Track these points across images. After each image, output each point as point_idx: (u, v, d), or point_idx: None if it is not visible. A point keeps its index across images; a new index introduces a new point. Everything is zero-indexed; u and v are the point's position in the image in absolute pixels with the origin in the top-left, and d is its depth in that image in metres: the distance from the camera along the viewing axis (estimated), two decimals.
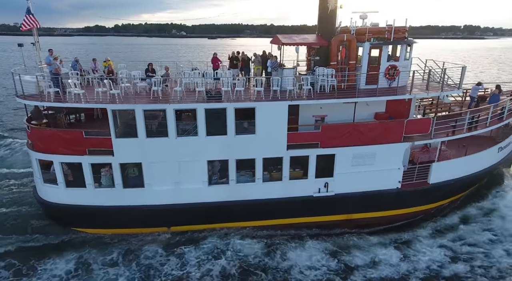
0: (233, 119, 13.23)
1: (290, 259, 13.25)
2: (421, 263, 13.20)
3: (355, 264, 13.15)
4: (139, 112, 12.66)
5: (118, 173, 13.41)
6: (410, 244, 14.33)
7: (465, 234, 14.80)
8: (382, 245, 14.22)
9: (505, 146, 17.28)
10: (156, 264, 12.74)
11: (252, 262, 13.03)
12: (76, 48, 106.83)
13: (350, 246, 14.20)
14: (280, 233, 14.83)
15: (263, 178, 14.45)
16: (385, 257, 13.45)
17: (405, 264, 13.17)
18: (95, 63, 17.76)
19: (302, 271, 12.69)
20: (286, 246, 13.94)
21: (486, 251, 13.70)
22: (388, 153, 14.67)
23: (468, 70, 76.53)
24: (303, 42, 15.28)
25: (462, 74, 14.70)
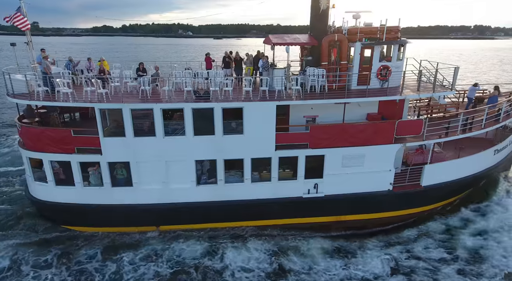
0: (220, 119, 13.21)
1: (228, 260, 13.03)
2: (360, 273, 12.70)
3: (293, 268, 12.80)
4: (126, 111, 12.73)
5: (107, 172, 13.49)
6: (360, 251, 13.83)
7: (427, 246, 14.18)
8: (338, 251, 13.82)
9: (501, 148, 16.92)
10: (91, 268, 12.55)
11: (189, 264, 12.83)
12: (81, 48, 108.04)
13: (294, 248, 13.80)
14: (222, 233, 14.54)
15: (252, 178, 14.42)
16: (327, 265, 13.04)
17: (344, 272, 12.68)
18: (90, 63, 17.91)
19: (235, 272, 12.52)
20: (226, 246, 13.71)
21: (434, 268, 12.95)
22: (379, 154, 14.49)
23: (470, 70, 75.58)
24: (294, 42, 15.18)
25: (454, 75, 14.45)
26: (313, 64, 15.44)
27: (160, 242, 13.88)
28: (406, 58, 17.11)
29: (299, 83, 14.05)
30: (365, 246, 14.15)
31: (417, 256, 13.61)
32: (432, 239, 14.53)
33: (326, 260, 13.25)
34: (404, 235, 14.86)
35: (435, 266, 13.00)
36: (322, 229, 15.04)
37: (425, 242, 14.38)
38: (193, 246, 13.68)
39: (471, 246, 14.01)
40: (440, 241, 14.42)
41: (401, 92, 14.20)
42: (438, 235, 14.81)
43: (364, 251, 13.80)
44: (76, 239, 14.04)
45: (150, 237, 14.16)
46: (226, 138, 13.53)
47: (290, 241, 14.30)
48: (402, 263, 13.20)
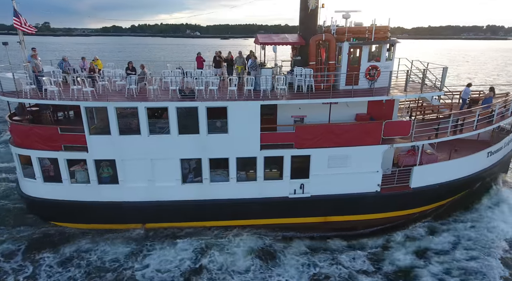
0: (205, 118, 13.26)
1: (149, 261, 12.87)
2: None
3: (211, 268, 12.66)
4: (111, 109, 12.89)
5: (93, 169, 13.68)
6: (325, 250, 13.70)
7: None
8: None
9: (495, 150, 16.57)
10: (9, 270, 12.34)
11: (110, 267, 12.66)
12: (87, 48, 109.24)
13: (220, 247, 13.66)
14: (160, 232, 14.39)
15: (239, 178, 14.44)
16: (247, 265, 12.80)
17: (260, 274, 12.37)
18: (84, 62, 18.17)
19: (153, 270, 12.40)
20: (153, 247, 13.58)
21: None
22: (366, 155, 14.34)
23: (472, 71, 73.87)
24: (281, 42, 15.15)
25: (443, 75, 14.22)
26: (302, 64, 15.39)
27: (89, 242, 13.72)
28: (399, 59, 17.00)
29: (284, 82, 14.01)
30: (323, 247, 13.95)
31: (342, 264, 13.11)
32: (390, 249, 13.96)
33: (248, 261, 12.95)
34: (365, 241, 14.43)
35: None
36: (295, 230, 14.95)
37: (372, 251, 13.81)
38: (117, 248, 13.51)
39: (407, 263, 13.07)
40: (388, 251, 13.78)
41: (388, 92, 14.03)
42: (394, 244, 14.22)
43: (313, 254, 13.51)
44: (49, 236, 14.13)
45: (75, 236, 14.04)
46: (210, 137, 13.58)
47: (224, 239, 14.07)
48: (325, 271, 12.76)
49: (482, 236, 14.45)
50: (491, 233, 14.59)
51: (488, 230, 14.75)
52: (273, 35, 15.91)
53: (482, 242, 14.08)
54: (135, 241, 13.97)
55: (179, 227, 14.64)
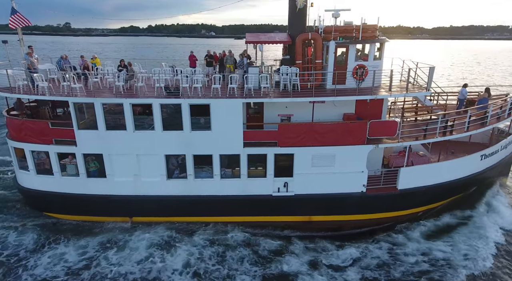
0: (188, 115, 13.53)
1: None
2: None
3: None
4: (98, 105, 13.35)
5: (82, 163, 14.20)
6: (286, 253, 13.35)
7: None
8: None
9: (491, 153, 16.04)
10: None
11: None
12: (100, 47, 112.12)
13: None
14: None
15: (224, 175, 14.64)
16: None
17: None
18: (83, 60, 18.84)
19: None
20: (57, 244, 13.58)
21: None
22: (350, 155, 14.23)
23: (477, 72, 70.61)
24: (267, 41, 15.23)
25: (430, 75, 13.91)
26: (290, 63, 15.43)
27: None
28: (392, 58, 16.77)
29: (268, 81, 14.08)
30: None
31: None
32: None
33: (141, 254, 13.03)
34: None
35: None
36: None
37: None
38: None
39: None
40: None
41: (372, 92, 13.87)
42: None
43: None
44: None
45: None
46: (194, 134, 13.83)
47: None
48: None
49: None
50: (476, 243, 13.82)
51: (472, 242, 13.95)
52: (261, 34, 16.02)
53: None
54: (122, 232, 14.40)
55: (167, 222, 14.90)
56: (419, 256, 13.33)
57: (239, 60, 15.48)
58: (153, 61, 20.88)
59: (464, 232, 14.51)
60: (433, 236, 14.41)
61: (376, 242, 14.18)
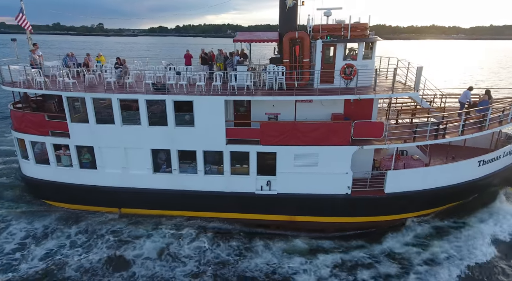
0: (172, 111, 13.91)
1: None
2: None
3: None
4: (88, 99, 14.06)
5: (75, 154, 15.02)
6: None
7: None
8: None
9: (491, 159, 15.09)
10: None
11: None
12: (122, 46, 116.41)
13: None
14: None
15: (210, 171, 14.90)
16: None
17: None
18: (89, 58, 19.87)
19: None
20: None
21: None
22: (334, 155, 13.98)
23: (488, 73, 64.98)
24: (255, 39, 15.28)
25: (417, 75, 13.36)
26: (279, 61, 15.39)
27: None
28: (388, 58, 16.29)
29: (251, 79, 14.13)
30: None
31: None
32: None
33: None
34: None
35: None
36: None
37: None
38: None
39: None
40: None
41: (355, 92, 13.54)
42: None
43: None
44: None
45: None
46: (178, 130, 14.19)
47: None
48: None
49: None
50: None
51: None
52: (252, 33, 16.13)
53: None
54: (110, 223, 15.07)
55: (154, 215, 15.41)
56: (396, 263, 12.86)
57: (229, 59, 15.67)
58: (154, 59, 21.54)
59: (455, 242, 13.79)
60: (419, 244, 13.82)
61: (359, 247, 13.81)
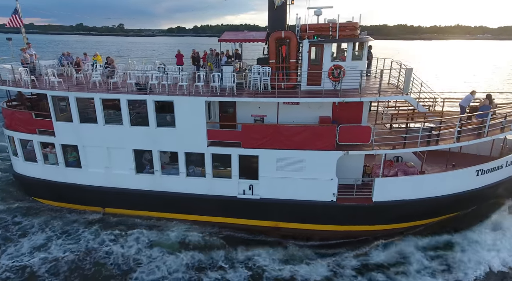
0: (153, 111, 13.73)
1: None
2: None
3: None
4: (71, 99, 14.11)
5: (60, 152, 15.12)
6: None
7: None
8: None
9: (490, 169, 14.02)
10: None
11: None
12: (137, 46, 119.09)
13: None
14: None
15: (194, 173, 14.64)
16: None
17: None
18: (86, 57, 20.09)
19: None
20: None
21: None
22: (318, 160, 13.38)
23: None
24: (241, 39, 14.89)
25: (406, 77, 12.55)
26: (266, 62, 14.94)
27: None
28: (384, 59, 15.59)
29: (233, 80, 13.73)
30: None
31: None
32: None
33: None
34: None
35: None
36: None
37: None
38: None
39: None
40: None
41: (339, 94, 12.88)
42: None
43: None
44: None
45: None
46: (159, 130, 14.00)
47: None
48: None
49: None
50: None
51: None
52: (240, 33, 15.74)
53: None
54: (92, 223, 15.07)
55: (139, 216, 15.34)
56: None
57: (215, 59, 15.36)
58: (151, 58, 21.54)
59: (445, 258, 12.90)
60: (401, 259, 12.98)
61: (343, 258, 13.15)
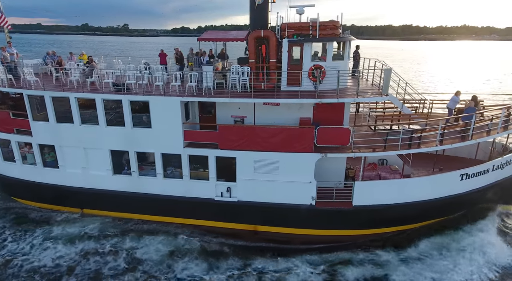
0: (129, 111, 13.48)
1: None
2: None
3: None
4: (47, 98, 13.92)
5: (37, 152, 14.94)
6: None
7: None
8: None
9: (476, 173, 13.53)
10: None
11: None
12: (137, 46, 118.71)
13: None
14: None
15: (173, 174, 14.37)
16: None
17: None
18: (72, 56, 19.96)
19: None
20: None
21: None
22: (296, 163, 13.02)
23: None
24: (220, 38, 14.59)
25: (385, 78, 12.13)
26: (246, 61, 14.61)
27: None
28: (369, 59, 15.19)
29: (210, 80, 13.43)
30: None
31: None
32: None
33: None
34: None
35: None
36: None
37: None
38: None
39: None
40: None
41: (316, 95, 12.51)
42: None
43: None
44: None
45: None
46: (136, 131, 13.75)
47: None
48: None
49: None
50: None
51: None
52: (217, 32, 15.52)
53: None
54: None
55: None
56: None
57: (195, 58, 15.08)
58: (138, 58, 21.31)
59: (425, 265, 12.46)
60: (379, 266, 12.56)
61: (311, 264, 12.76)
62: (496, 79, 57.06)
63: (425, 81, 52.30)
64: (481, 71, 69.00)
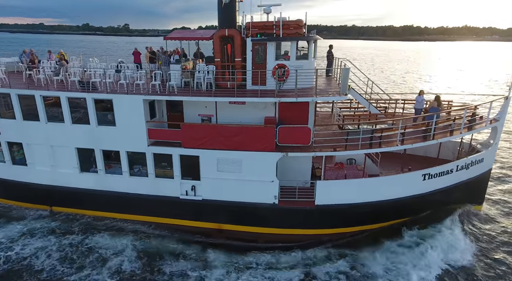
0: (93, 109, 13.56)
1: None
2: None
3: None
4: (13, 96, 14.01)
5: (6, 150, 15.04)
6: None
7: None
8: None
9: (438, 173, 13.53)
10: None
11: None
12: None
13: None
14: None
15: (140, 172, 14.43)
16: None
17: None
18: (50, 55, 20.06)
19: None
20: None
21: None
22: (258, 162, 13.06)
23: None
24: (185, 37, 14.63)
25: (343, 77, 12.14)
26: (212, 60, 14.67)
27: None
28: (340, 60, 15.21)
29: (176, 79, 13.51)
30: None
31: None
32: None
33: None
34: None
35: None
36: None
37: None
38: None
39: None
40: None
41: (275, 95, 12.55)
42: None
43: None
44: None
45: None
46: (100, 129, 13.82)
47: None
48: None
49: None
50: None
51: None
52: (188, 31, 15.55)
53: None
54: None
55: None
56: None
57: (163, 57, 15.15)
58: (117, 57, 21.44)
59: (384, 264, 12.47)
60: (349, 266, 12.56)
61: None
62: (496, 81, 56.80)
63: (411, 81, 51.93)
64: (481, 71, 68.68)
